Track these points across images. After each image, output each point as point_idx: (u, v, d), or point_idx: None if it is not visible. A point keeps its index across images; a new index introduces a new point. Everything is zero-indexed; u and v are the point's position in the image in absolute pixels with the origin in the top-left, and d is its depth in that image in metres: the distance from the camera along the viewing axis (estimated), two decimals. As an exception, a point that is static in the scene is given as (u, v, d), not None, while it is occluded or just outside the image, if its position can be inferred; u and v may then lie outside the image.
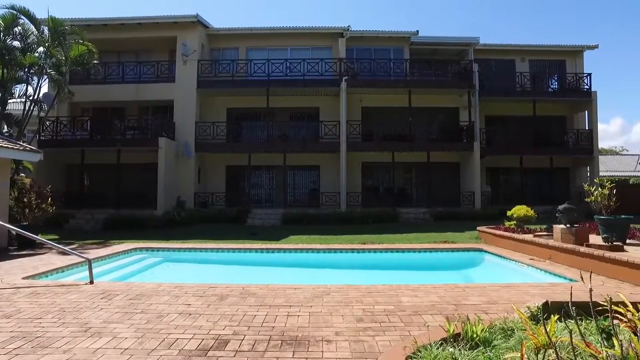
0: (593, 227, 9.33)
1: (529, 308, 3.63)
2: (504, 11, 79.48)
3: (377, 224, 16.72)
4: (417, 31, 20.83)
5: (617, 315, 2.17)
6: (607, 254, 6.98)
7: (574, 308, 2.29)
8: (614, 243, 7.45)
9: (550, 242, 8.59)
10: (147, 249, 10.55)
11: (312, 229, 15.27)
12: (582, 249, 7.60)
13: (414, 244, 11.11)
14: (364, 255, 10.19)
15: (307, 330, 4.21)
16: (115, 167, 18.80)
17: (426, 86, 20.35)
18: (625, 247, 7.72)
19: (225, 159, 20.64)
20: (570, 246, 7.93)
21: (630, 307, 2.15)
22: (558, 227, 8.60)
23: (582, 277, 3.06)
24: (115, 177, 18.81)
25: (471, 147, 19.79)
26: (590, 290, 1.81)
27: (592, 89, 21.49)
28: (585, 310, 3.30)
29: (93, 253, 9.24)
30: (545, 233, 9.65)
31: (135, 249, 10.36)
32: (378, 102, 21.04)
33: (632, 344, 1.79)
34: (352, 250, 10.29)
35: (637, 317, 2.01)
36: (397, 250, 10.27)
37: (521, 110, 21.60)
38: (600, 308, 2.32)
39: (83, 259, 7.13)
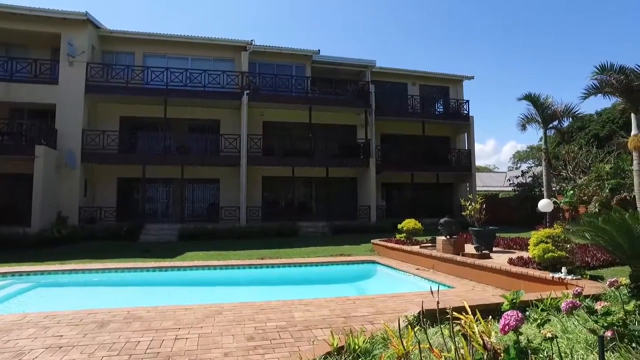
0: (469, 238, 10.44)
1: (406, 317, 3.92)
2: (400, 38, 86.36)
3: (277, 238, 16.77)
4: (319, 50, 21.66)
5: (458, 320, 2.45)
6: (477, 261, 7.85)
7: (437, 315, 2.53)
8: (483, 251, 8.41)
9: (434, 252, 9.40)
10: (13, 273, 9.19)
11: (210, 244, 14.78)
12: (459, 257, 8.45)
13: (312, 258, 11.33)
14: (261, 271, 10.12)
15: (194, 353, 4.05)
16: (-22, 178, 16.31)
17: (326, 104, 21.14)
18: (492, 254, 8.76)
19: (117, 170, 19.11)
20: (449, 255, 8.76)
21: (464, 316, 2.42)
22: (440, 239, 9.46)
23: (452, 285, 3.36)
24: (-23, 189, 16.31)
25: (367, 163, 20.96)
26: (437, 302, 2.04)
27: (470, 114, 24.28)
28: (460, 312, 3.68)
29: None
30: (430, 244, 10.54)
31: (-3, 274, 8.99)
32: (279, 117, 21.29)
33: (461, 349, 2.04)
34: (250, 266, 10.17)
35: (468, 324, 2.29)
36: (295, 264, 10.39)
37: (412, 130, 23.51)
38: (457, 313, 2.60)
39: None
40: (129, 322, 5.12)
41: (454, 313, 2.11)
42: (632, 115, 16.05)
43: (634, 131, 15.82)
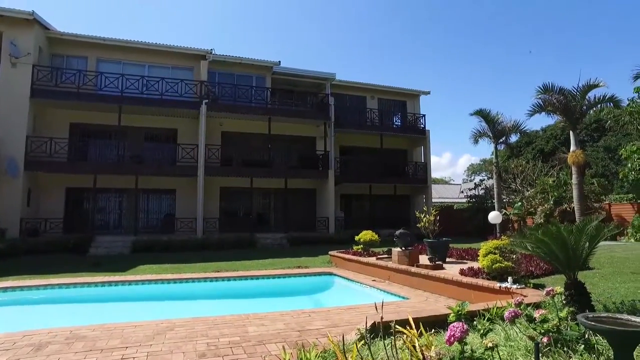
0: (424, 249, 10.72)
1: (359, 330, 3.97)
2: (361, 51, 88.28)
3: (234, 250, 16.53)
4: (279, 62, 21.73)
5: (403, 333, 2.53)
6: (431, 272, 8.06)
7: (381, 330, 2.59)
8: (437, 262, 8.66)
9: (389, 264, 9.57)
10: None
11: (165, 257, 14.33)
12: (413, 269, 8.64)
13: (269, 270, 11.23)
14: (217, 284, 9.90)
15: (141, 373, 3.89)
16: None
17: (286, 115, 21.19)
18: (445, 265, 9.03)
19: (65, 180, 18.19)
20: (404, 267, 8.95)
21: (408, 330, 2.51)
22: (395, 250, 9.65)
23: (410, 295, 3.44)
24: None
25: (326, 175, 21.13)
26: (382, 318, 2.09)
27: (427, 128, 25.08)
28: (405, 325, 3.76)
29: None
30: (386, 255, 10.73)
31: None
32: (239, 127, 21.11)
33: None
34: (205, 279, 9.93)
35: (409, 339, 2.37)
36: (252, 277, 10.25)
37: (371, 143, 23.98)
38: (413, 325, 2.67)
39: None
40: (70, 343, 4.85)
41: (397, 327, 2.16)
42: (571, 132, 17.28)
43: (572, 147, 17.01)
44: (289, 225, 20.32)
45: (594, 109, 18.66)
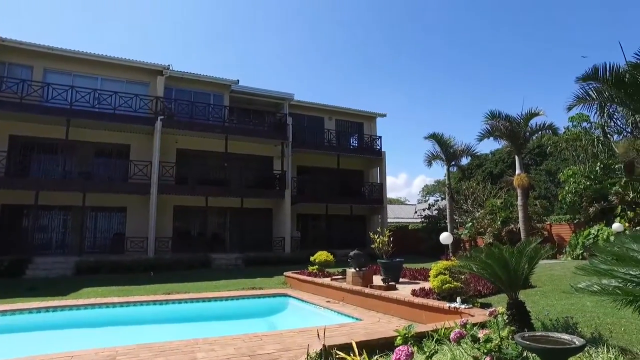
0: (378, 270, 10.85)
1: (309, 355, 3.93)
2: (318, 73, 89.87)
3: (187, 270, 16.03)
4: (238, 80, 21.70)
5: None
6: (384, 293, 8.15)
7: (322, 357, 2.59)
8: (390, 283, 8.77)
9: (344, 284, 9.59)
10: None
11: (113, 278, 13.64)
12: (367, 290, 8.71)
13: (222, 291, 10.94)
14: (167, 307, 9.50)
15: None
16: None
17: (243, 134, 21.07)
18: (398, 285, 9.17)
19: (1, 196, 17.00)
20: (358, 288, 9.00)
21: (351, 357, 2.54)
22: (349, 271, 9.70)
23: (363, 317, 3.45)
24: None
25: (283, 194, 21.08)
26: (324, 345, 2.10)
27: (383, 149, 25.72)
28: (361, 348, 3.76)
29: None
30: (340, 276, 10.75)
31: None
32: (195, 145, 20.74)
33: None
34: (155, 302, 9.50)
35: None
36: (204, 299, 9.93)
37: (328, 163, 24.24)
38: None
39: None
40: (0, 374, 4.48)
41: (339, 353, 2.17)
42: (516, 156, 18.32)
43: (517, 171, 18.00)
44: (244, 246, 19.98)
45: (536, 135, 19.94)
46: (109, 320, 8.94)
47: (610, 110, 15.92)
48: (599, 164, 17.82)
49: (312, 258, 12.38)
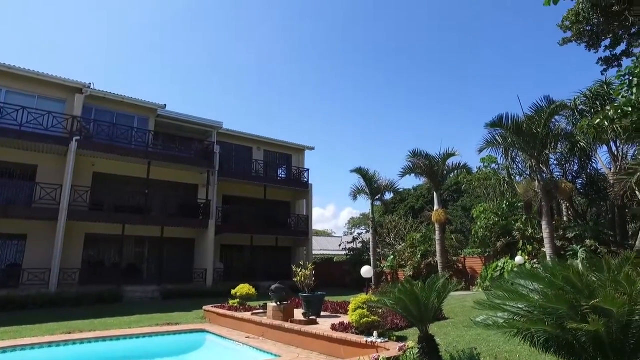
0: (300, 303, 10.74)
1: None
2: (248, 103, 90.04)
3: (96, 305, 14.72)
4: (165, 105, 21.02)
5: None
6: (304, 327, 8.08)
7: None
8: (310, 317, 8.73)
9: (264, 319, 9.36)
10: None
11: (1, 316, 12.03)
12: (287, 324, 8.57)
13: (134, 328, 10.14)
14: (67, 349, 8.52)
15: None
16: None
17: (168, 160, 20.28)
18: (319, 319, 9.13)
19: None
20: (278, 322, 8.83)
21: None
22: (270, 305, 9.51)
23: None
24: None
25: (206, 224, 20.39)
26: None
27: (310, 182, 26.07)
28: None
29: None
30: (261, 310, 10.50)
31: None
32: (114, 169, 19.50)
33: None
34: (50, 343, 8.45)
35: None
36: (111, 337, 9.10)
37: (255, 193, 24.01)
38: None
39: None
40: None
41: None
42: (435, 192, 19.54)
43: (435, 206, 19.19)
44: (163, 277, 18.86)
45: (453, 173, 21.52)
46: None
47: (513, 154, 17.71)
48: (505, 201, 19.52)
49: (233, 291, 12.00)
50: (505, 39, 64.76)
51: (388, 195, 26.90)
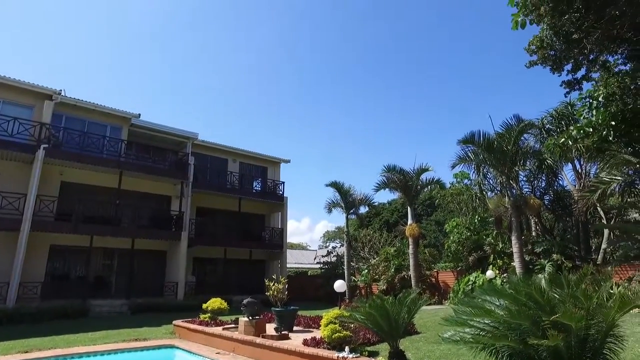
0: (273, 318, 10.61)
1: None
2: (224, 114, 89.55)
3: (59, 320, 14.12)
4: (139, 114, 20.66)
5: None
6: (275, 343, 7.98)
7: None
8: (282, 332, 8.63)
9: (235, 334, 9.19)
10: None
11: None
12: (258, 340, 8.45)
13: (99, 345, 9.78)
14: (25, 367, 8.16)
15: None
16: None
17: (141, 171, 19.88)
18: (291, 334, 9.04)
19: None
20: (249, 338, 8.69)
21: None
22: (242, 320, 9.36)
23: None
24: None
25: (179, 236, 19.99)
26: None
27: (285, 195, 25.97)
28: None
29: None
30: (233, 325, 10.31)
31: None
32: (84, 178, 18.96)
33: None
34: (7, 362, 8.10)
35: None
36: (73, 355, 8.73)
37: (229, 206, 23.74)
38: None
39: None
40: None
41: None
42: (409, 207, 19.78)
43: (409, 221, 19.41)
44: (132, 291, 18.30)
45: (427, 188, 21.85)
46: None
47: (485, 170, 18.17)
48: (477, 216, 19.94)
49: (204, 305, 11.76)
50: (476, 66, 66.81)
51: (363, 209, 27.08)
